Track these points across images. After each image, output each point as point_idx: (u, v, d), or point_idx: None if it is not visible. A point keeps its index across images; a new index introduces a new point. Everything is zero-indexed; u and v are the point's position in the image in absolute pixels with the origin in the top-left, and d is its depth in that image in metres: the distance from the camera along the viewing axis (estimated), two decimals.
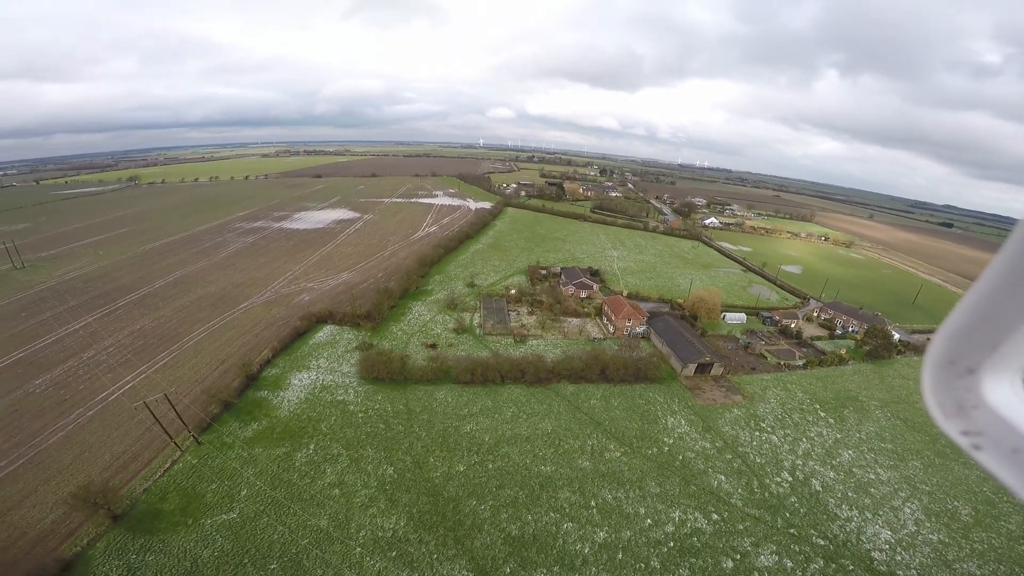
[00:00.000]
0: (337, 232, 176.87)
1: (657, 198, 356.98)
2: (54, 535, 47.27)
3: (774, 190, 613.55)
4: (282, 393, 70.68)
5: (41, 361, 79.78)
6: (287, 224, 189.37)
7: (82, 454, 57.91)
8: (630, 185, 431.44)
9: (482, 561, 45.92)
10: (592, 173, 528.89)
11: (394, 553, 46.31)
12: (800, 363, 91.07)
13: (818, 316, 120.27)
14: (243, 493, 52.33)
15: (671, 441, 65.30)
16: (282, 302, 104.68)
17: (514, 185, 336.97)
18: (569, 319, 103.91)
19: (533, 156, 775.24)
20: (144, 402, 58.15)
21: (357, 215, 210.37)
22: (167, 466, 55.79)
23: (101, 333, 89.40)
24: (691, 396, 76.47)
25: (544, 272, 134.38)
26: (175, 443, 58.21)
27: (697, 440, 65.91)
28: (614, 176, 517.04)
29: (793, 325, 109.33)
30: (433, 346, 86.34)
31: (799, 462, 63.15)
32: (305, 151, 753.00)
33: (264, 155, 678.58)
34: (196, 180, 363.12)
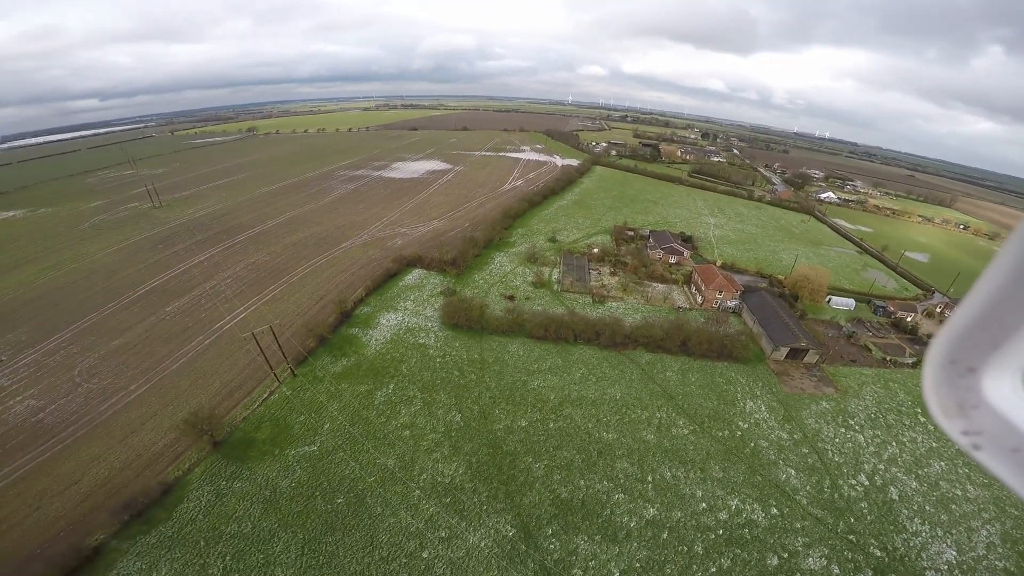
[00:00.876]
0: (430, 182, 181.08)
1: (766, 166, 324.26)
2: (163, 458, 53.65)
3: (908, 169, 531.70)
4: (371, 332, 74.44)
5: (172, 289, 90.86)
6: (385, 173, 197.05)
7: (197, 381, 65.39)
8: (735, 151, 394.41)
9: (527, 519, 46.19)
10: (693, 136, 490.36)
11: (448, 500, 47.66)
12: (909, 361, 79.36)
13: (941, 312, 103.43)
14: (326, 427, 56.10)
15: (746, 426, 60.69)
16: (377, 244, 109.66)
17: (604, 144, 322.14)
18: (654, 284, 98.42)
19: (627, 116, 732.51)
20: (252, 333, 63.79)
21: (449, 166, 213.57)
22: (265, 396, 61.28)
23: (222, 265, 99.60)
24: (777, 382, 69.99)
25: (631, 234, 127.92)
26: (274, 374, 63.72)
27: (774, 429, 60.68)
28: (717, 140, 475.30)
29: (910, 319, 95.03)
30: (511, 298, 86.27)
31: (881, 467, 56.42)
32: (402, 105, 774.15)
33: (365, 109, 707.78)
34: (305, 131, 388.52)
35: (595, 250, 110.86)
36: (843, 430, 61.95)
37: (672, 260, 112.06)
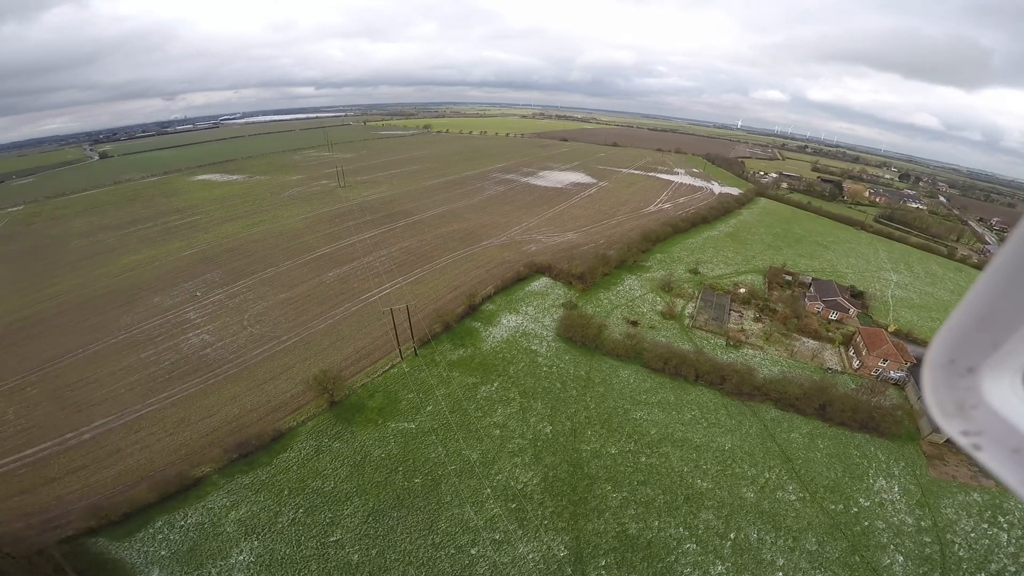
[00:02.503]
0: (572, 194, 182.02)
1: (980, 220, 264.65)
2: (286, 408, 60.61)
3: None
4: (491, 329, 76.92)
5: (337, 258, 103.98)
6: (532, 180, 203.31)
7: (335, 342, 73.44)
8: (942, 198, 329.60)
9: (584, 544, 43.99)
10: (887, 176, 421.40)
11: (514, 505, 47.23)
12: None
13: None
14: (428, 409, 59.07)
15: (866, 504, 51.27)
16: (513, 247, 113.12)
17: (774, 175, 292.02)
18: (804, 339, 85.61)
19: (806, 146, 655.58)
20: (390, 309, 69.92)
21: (593, 181, 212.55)
22: (386, 368, 66.54)
23: (380, 244, 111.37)
24: (925, 464, 57.91)
25: (789, 278, 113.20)
26: (399, 350, 68.88)
27: (900, 512, 50.73)
28: (920, 184, 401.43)
29: None
30: (634, 323, 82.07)
31: (1012, 568, 45.17)
32: (556, 115, 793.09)
33: (523, 116, 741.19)
34: (470, 133, 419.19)
35: (741, 290, 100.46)
36: (986, 526, 49.91)
37: (833, 316, 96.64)
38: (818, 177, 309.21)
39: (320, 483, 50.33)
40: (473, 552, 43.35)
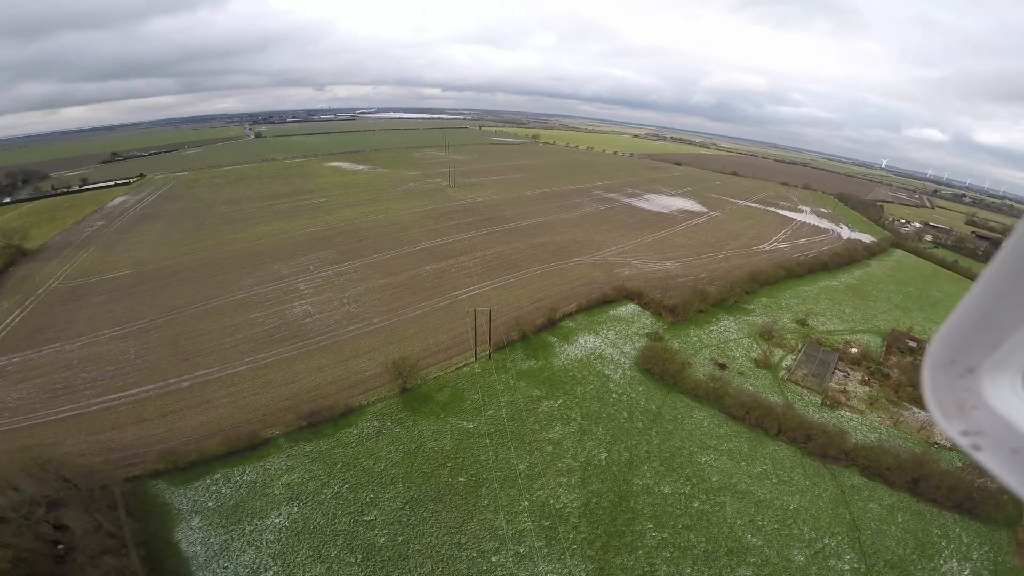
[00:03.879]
0: (678, 221, 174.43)
1: None
2: (361, 386, 64.00)
3: None
4: (566, 346, 76.01)
5: (436, 253, 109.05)
6: (635, 202, 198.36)
7: (418, 332, 76.82)
8: None
9: None
10: None
11: (547, 523, 46.06)
12: None
13: None
14: (489, 412, 59.72)
15: None
16: (604, 268, 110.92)
17: (917, 224, 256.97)
18: (915, 409, 73.76)
19: (963, 195, 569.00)
20: (474, 310, 71.85)
21: (704, 209, 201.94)
22: (460, 366, 68.35)
23: (476, 246, 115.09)
24: (1013, 551, 49.73)
25: (912, 344, 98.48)
26: (475, 351, 70.50)
27: None
28: None
29: None
30: (723, 366, 76.19)
31: None
32: (672, 137, 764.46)
33: (634, 135, 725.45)
34: (576, 147, 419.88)
35: (853, 350, 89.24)
36: None
37: None
38: (972, 232, 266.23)
39: (372, 463, 52.76)
40: (494, 560, 43.18)
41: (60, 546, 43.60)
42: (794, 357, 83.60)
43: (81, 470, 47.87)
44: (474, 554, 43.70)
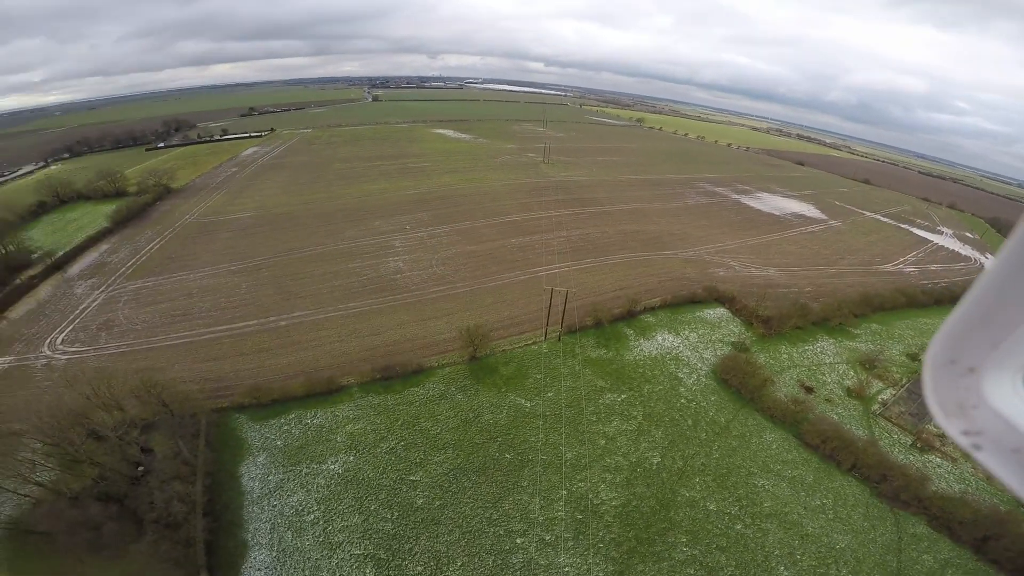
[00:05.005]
0: (791, 225, 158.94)
1: None
2: (434, 348, 66.08)
3: None
4: (642, 341, 73.03)
5: (523, 227, 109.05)
6: (744, 199, 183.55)
7: (495, 303, 77.87)
8: None
9: None
10: None
11: (580, 517, 45.37)
12: None
13: None
14: (548, 395, 59.19)
15: None
16: (698, 266, 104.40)
17: None
18: None
19: None
20: (552, 288, 70.95)
21: (822, 217, 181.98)
22: (528, 343, 68.43)
23: (564, 225, 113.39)
24: None
25: None
26: (545, 330, 69.92)
27: None
28: None
29: None
30: (809, 390, 69.22)
31: None
32: (798, 135, 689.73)
33: (754, 128, 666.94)
34: (685, 135, 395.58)
35: None
36: None
37: None
38: None
39: (429, 425, 54.62)
40: (518, 541, 43.25)
41: (140, 468, 48.94)
42: (894, 392, 73.68)
43: (178, 396, 53.70)
44: (501, 532, 44.07)
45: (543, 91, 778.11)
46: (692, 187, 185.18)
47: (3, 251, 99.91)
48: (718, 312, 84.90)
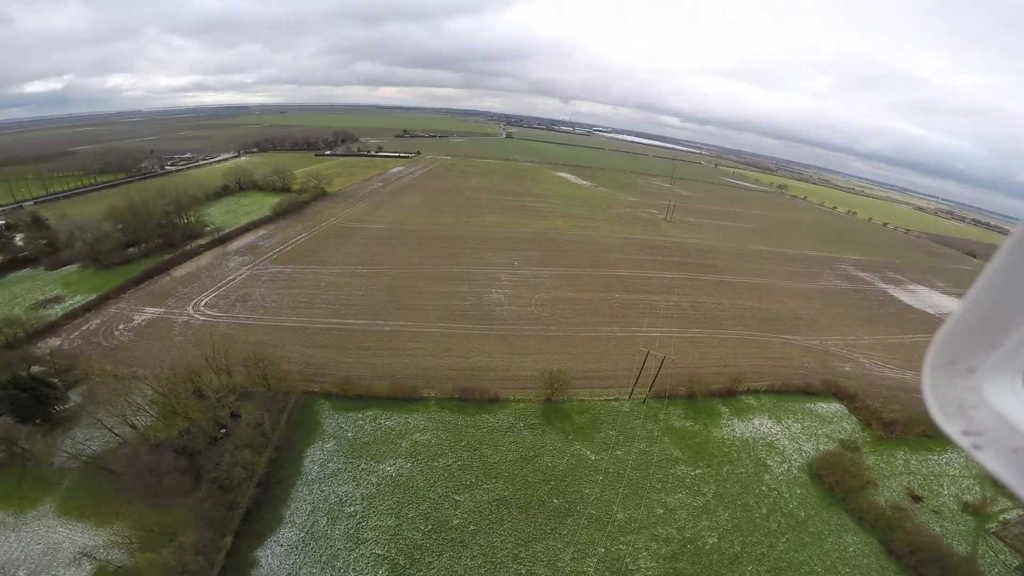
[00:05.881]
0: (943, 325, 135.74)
1: None
2: (515, 381, 67.48)
3: None
4: (735, 420, 67.26)
5: (630, 283, 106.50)
6: (893, 289, 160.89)
7: (584, 353, 76.72)
8: None
9: None
10: None
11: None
12: None
13: None
14: (617, 453, 57.02)
15: None
16: (820, 356, 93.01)
17: None
18: None
19: None
20: (648, 351, 67.75)
21: None
22: (609, 399, 66.28)
23: (674, 289, 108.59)
24: None
25: None
26: (631, 390, 67.10)
27: None
28: None
29: None
30: (917, 499, 59.58)
31: None
32: (975, 220, 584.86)
33: (919, 208, 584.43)
34: (834, 208, 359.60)
35: None
36: None
37: None
38: None
39: (489, 453, 54.97)
40: None
41: (223, 430, 54.46)
42: (1022, 513, 59.63)
43: (279, 373, 59.99)
44: (523, 572, 42.72)
45: (675, 146, 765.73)
46: (831, 268, 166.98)
47: (186, 221, 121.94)
48: (833, 407, 75.42)
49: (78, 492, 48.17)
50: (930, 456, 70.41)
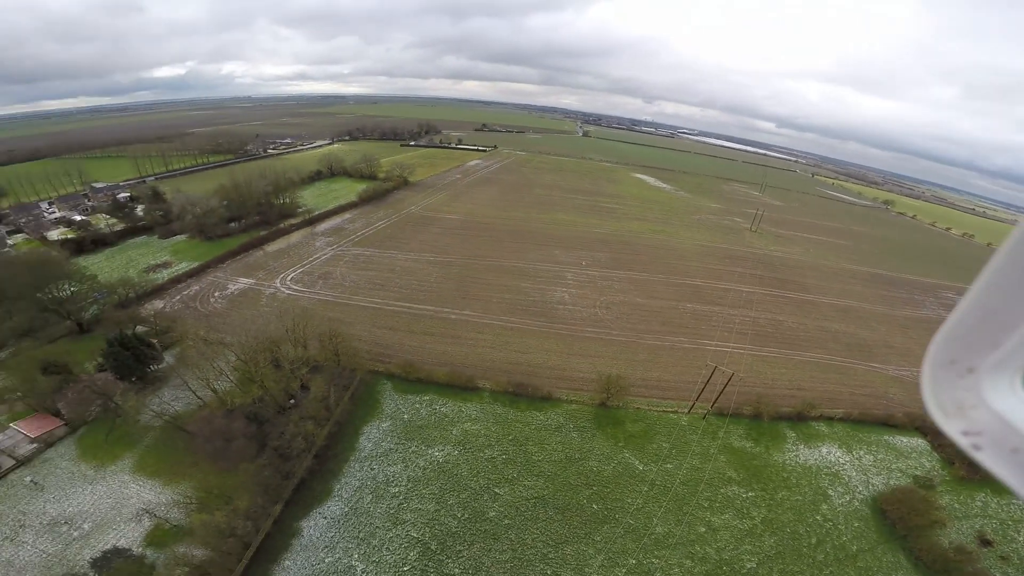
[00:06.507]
0: None
1: None
2: (570, 382, 66.99)
3: None
4: (801, 446, 62.89)
5: (704, 294, 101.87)
6: None
7: (647, 361, 74.60)
8: None
9: None
10: None
11: None
12: None
13: None
14: (667, 466, 55.15)
15: None
16: (909, 389, 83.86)
17: None
18: None
19: None
20: (716, 366, 64.69)
21: None
22: (667, 411, 63.97)
23: (753, 304, 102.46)
24: None
25: None
26: (693, 404, 64.55)
27: None
28: None
29: None
30: (986, 543, 53.65)
31: None
32: None
33: None
34: (947, 229, 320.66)
35: None
36: None
37: None
38: None
39: (535, 450, 55.21)
40: None
41: (292, 401, 58.20)
42: None
43: (349, 350, 63.75)
44: (549, 572, 42.55)
45: (768, 153, 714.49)
46: (936, 296, 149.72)
47: (282, 202, 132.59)
48: (914, 442, 68.61)
49: (155, 450, 52.59)
50: (1014, 500, 63.53)
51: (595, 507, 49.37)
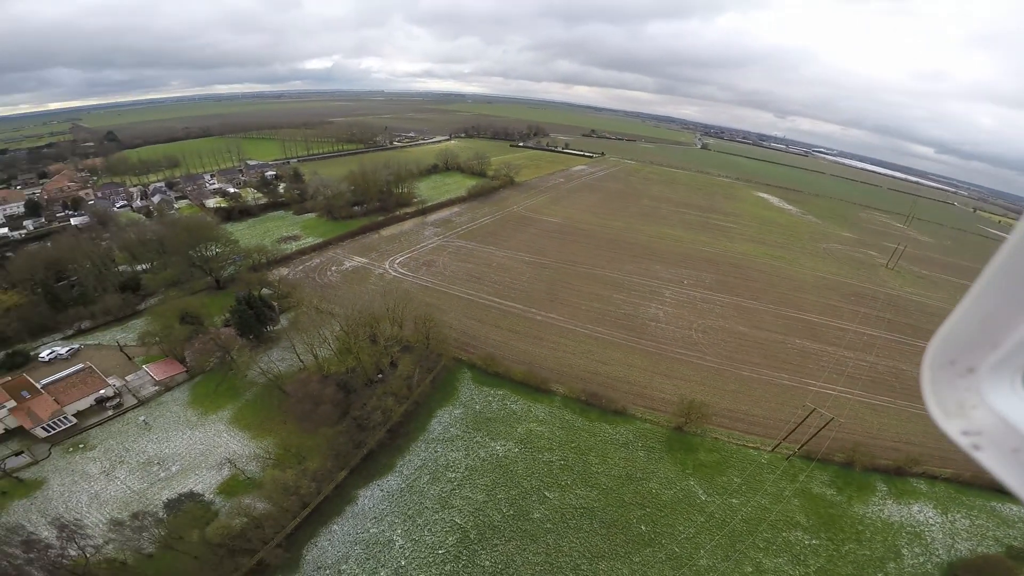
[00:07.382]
0: None
1: None
2: (647, 400, 65.33)
3: None
4: (889, 501, 56.45)
5: (817, 331, 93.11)
6: None
7: (737, 392, 70.20)
8: None
9: None
10: None
11: None
12: None
13: None
14: (732, 500, 52.16)
15: None
16: None
17: None
18: None
19: None
20: (814, 408, 58.99)
21: None
22: (748, 445, 60.25)
23: (873, 348, 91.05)
24: None
25: None
26: (779, 443, 60.07)
27: None
28: None
29: None
30: None
31: None
32: None
33: None
34: None
35: None
36: None
37: None
38: None
39: (596, 462, 54.51)
40: None
41: (380, 375, 62.55)
42: None
43: (439, 336, 67.31)
44: None
45: (921, 181, 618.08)
46: None
47: (400, 191, 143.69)
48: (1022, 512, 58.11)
49: (253, 404, 58.52)
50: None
51: (643, 528, 48.11)
